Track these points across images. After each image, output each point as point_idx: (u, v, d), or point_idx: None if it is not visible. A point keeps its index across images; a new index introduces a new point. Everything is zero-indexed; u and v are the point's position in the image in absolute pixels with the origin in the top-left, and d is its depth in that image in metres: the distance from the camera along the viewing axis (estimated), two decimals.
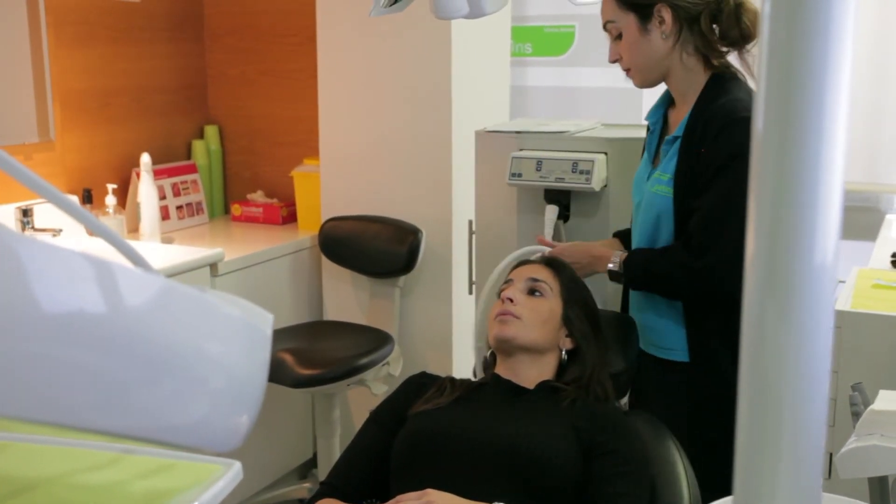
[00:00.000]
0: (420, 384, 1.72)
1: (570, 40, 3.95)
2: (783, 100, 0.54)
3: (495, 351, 1.73)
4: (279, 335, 2.85)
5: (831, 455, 2.30)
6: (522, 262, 1.82)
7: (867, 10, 3.39)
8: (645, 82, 1.91)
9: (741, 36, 1.81)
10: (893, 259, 2.62)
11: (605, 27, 1.89)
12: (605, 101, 3.87)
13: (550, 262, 1.79)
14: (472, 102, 3.01)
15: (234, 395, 0.65)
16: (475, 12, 1.34)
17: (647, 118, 2.00)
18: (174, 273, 2.59)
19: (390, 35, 2.93)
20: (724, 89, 1.81)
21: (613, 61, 1.91)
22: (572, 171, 2.25)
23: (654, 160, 1.95)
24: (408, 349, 3.07)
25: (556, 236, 2.32)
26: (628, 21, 1.83)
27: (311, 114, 3.23)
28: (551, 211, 2.30)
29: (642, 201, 1.93)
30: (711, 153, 1.75)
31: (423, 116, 2.94)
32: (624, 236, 2.08)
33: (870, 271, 2.52)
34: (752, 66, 1.82)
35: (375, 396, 2.90)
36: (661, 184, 1.86)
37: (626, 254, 1.88)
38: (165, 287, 0.60)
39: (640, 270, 1.85)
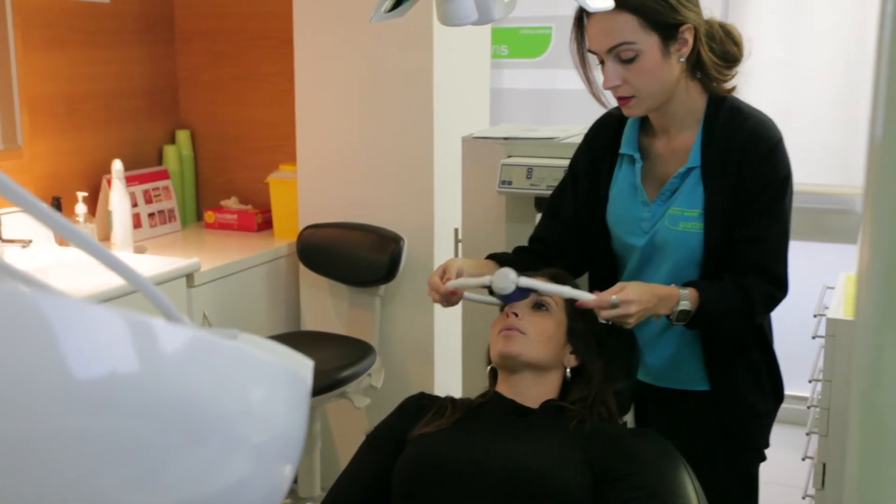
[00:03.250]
0: (419, 405, 1.65)
1: (546, 42, 3.90)
2: None
3: (498, 367, 1.67)
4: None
5: (824, 465, 2.28)
6: (525, 274, 1.75)
7: (842, 15, 3.39)
8: (646, 111, 1.74)
9: (739, 54, 1.75)
10: None
11: (610, 51, 1.66)
12: (583, 103, 3.81)
13: (555, 276, 1.73)
14: (453, 106, 2.95)
15: (277, 447, 0.60)
16: (483, 18, 1.28)
17: (625, 150, 1.82)
18: None
19: (369, 37, 2.86)
20: (736, 111, 1.73)
21: (612, 87, 1.70)
22: None
23: (649, 195, 1.79)
24: (389, 360, 3.00)
25: None
26: (651, 43, 1.65)
27: (288, 118, 3.15)
28: None
29: (657, 242, 1.76)
30: (760, 179, 1.68)
31: (403, 120, 2.88)
32: (504, 261, 1.83)
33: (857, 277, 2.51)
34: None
35: (357, 409, 2.83)
36: (690, 220, 1.72)
37: (694, 290, 1.68)
38: (199, 340, 0.54)
39: (717, 307, 1.68)
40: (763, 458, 1.90)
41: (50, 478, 0.47)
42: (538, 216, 2.26)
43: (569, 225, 1.89)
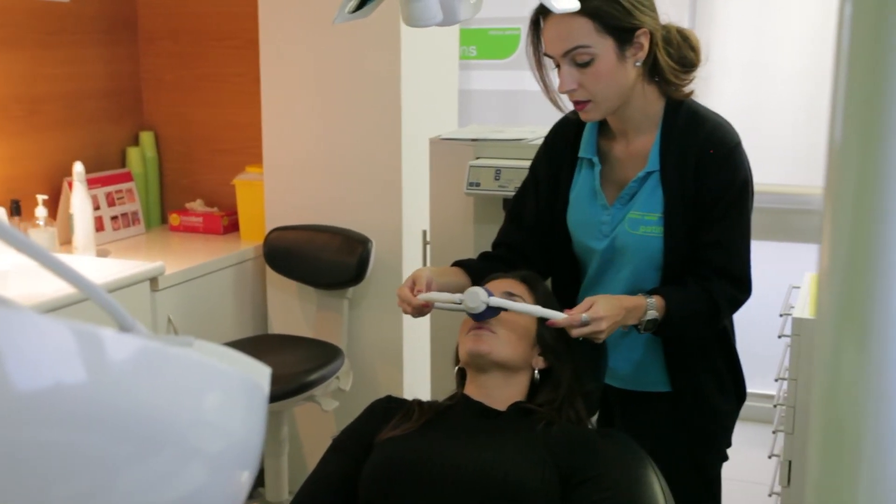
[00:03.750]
0: (387, 409, 1.64)
1: (515, 43, 3.90)
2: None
3: (467, 367, 1.66)
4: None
5: (790, 463, 2.30)
6: (496, 276, 1.75)
7: (807, 18, 3.42)
8: (603, 115, 1.74)
9: (696, 59, 1.76)
10: None
11: (565, 55, 1.67)
12: (550, 105, 3.84)
13: (525, 277, 1.73)
14: (421, 107, 2.94)
15: (233, 455, 0.58)
16: (449, 19, 1.27)
17: (584, 154, 1.82)
18: (111, 289, 2.46)
19: (337, 38, 2.84)
20: (695, 113, 1.74)
21: (569, 91, 1.70)
22: None
23: (608, 199, 1.79)
24: (357, 363, 2.98)
25: None
26: (606, 47, 1.65)
27: (254, 120, 3.12)
28: None
29: (617, 246, 1.77)
30: (719, 183, 1.70)
31: (371, 122, 2.86)
32: (470, 267, 1.85)
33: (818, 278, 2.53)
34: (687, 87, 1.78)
35: (325, 413, 2.81)
36: (650, 224, 1.73)
37: (660, 298, 1.69)
38: (150, 350, 0.52)
39: (683, 312, 1.69)
40: (725, 459, 1.92)
41: None
42: None
43: (531, 229, 1.89)
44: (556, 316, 1.61)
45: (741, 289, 1.74)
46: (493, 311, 1.61)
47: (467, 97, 3.88)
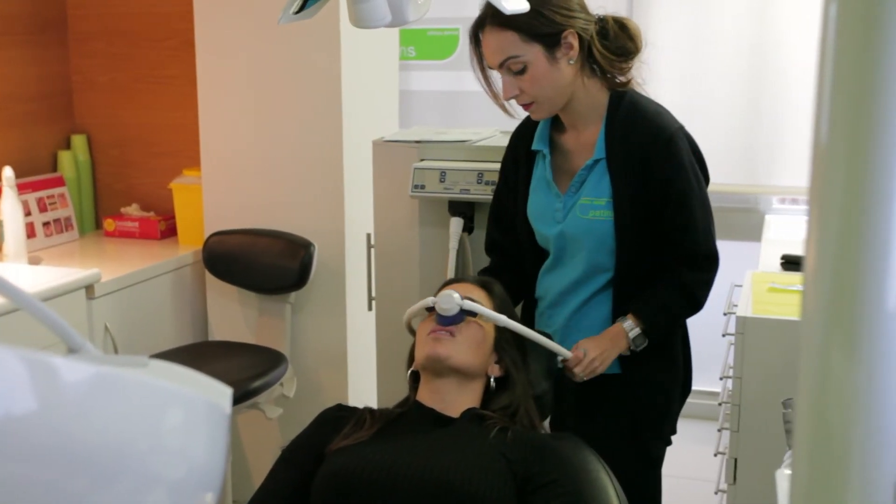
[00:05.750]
0: (337, 418, 1.61)
1: (454, 43, 3.89)
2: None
3: (422, 371, 1.64)
4: (161, 359, 2.67)
5: (736, 461, 2.32)
6: (455, 280, 1.74)
7: (744, 15, 3.47)
8: (550, 113, 1.86)
9: (635, 48, 1.84)
10: (783, 261, 2.68)
11: (501, 65, 1.78)
12: (492, 105, 3.83)
13: (484, 284, 1.72)
14: (362, 108, 2.90)
15: (195, 480, 0.55)
16: (397, 21, 1.25)
17: (536, 147, 1.91)
18: (46, 298, 2.38)
19: (275, 37, 2.79)
20: (634, 104, 1.84)
21: (511, 98, 1.81)
22: (478, 182, 2.18)
23: (561, 188, 1.88)
24: (301, 369, 2.93)
25: (461, 249, 2.25)
26: (535, 53, 1.75)
27: (191, 122, 3.04)
28: (456, 223, 2.23)
29: (569, 232, 1.85)
30: (667, 170, 1.79)
31: (311, 123, 2.82)
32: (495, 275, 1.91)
33: (763, 274, 2.57)
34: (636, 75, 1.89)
35: (270, 420, 2.76)
36: (598, 209, 1.82)
37: (634, 317, 1.80)
38: (103, 376, 0.49)
39: (665, 319, 1.83)
40: (669, 443, 1.99)
41: None
42: (452, 220, 2.25)
43: (514, 229, 1.97)
44: (565, 353, 1.75)
45: (710, 267, 1.84)
46: (462, 316, 1.62)
47: (407, 98, 3.85)
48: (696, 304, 1.85)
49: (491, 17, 1.77)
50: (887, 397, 0.49)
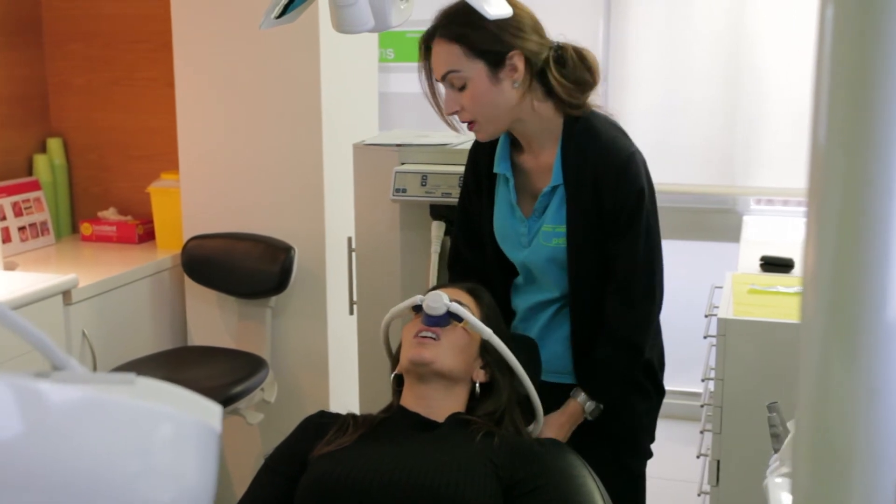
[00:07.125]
0: (320, 424, 1.60)
1: None
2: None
3: (406, 374, 1.63)
4: (140, 365, 2.65)
5: (719, 462, 2.33)
6: (441, 285, 1.73)
7: (721, 18, 3.49)
8: (493, 135, 1.79)
9: (593, 80, 1.78)
10: (762, 263, 2.69)
11: (443, 78, 1.73)
12: None
13: (472, 290, 1.71)
14: (341, 110, 2.89)
15: (185, 502, 0.54)
16: (380, 26, 1.24)
17: (498, 170, 1.86)
18: (21, 304, 2.35)
19: (253, 40, 2.77)
20: (588, 129, 1.77)
21: (452, 113, 1.75)
22: (459, 186, 2.17)
23: (524, 210, 1.84)
24: (282, 373, 2.91)
25: (443, 253, 2.24)
26: (477, 70, 1.69)
27: (169, 125, 3.02)
28: (438, 227, 2.22)
29: (533, 260, 1.82)
30: (617, 198, 1.73)
31: (291, 126, 2.80)
32: None
33: (743, 276, 2.58)
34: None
35: (251, 426, 2.74)
36: (560, 237, 1.77)
37: (586, 393, 1.79)
38: (90, 400, 0.48)
39: (615, 382, 1.81)
40: (650, 456, 1.96)
41: None
42: (433, 224, 2.24)
43: (478, 241, 1.93)
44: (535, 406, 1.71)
45: (644, 303, 1.78)
46: (447, 318, 1.60)
47: (387, 100, 3.84)
48: (639, 350, 1.79)
49: (441, 29, 1.73)
50: (887, 407, 0.48)
